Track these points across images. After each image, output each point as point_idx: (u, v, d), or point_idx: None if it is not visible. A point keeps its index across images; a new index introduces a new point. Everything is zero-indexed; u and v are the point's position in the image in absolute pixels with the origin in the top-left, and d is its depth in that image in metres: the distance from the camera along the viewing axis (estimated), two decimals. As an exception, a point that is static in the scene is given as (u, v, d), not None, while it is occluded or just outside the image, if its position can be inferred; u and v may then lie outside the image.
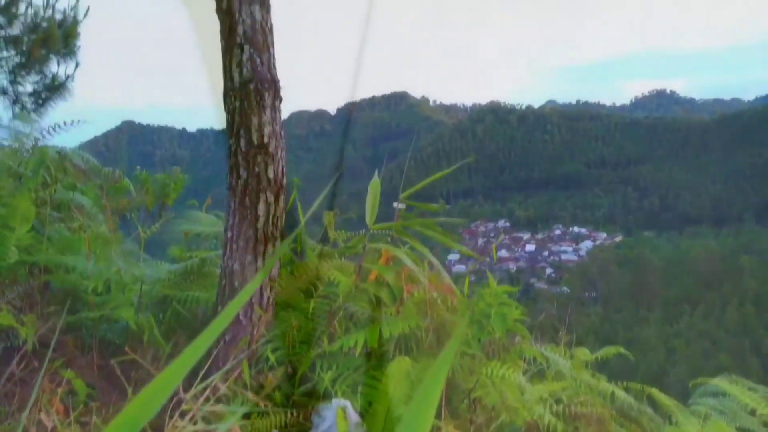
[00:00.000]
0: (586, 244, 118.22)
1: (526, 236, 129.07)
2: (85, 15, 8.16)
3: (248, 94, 2.42)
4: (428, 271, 3.10)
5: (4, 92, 7.37)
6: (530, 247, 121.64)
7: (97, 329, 2.88)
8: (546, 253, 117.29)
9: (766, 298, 57.58)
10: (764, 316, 54.85)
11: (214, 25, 2.65)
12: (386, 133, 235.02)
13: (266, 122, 2.46)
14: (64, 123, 2.96)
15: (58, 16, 7.70)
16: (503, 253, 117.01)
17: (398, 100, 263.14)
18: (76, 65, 7.69)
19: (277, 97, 2.49)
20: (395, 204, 3.17)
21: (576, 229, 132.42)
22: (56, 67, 7.73)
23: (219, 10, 2.46)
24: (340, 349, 2.22)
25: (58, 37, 7.48)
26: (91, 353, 2.93)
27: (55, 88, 7.70)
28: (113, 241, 2.98)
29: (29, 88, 7.58)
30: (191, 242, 3.30)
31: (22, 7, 7.37)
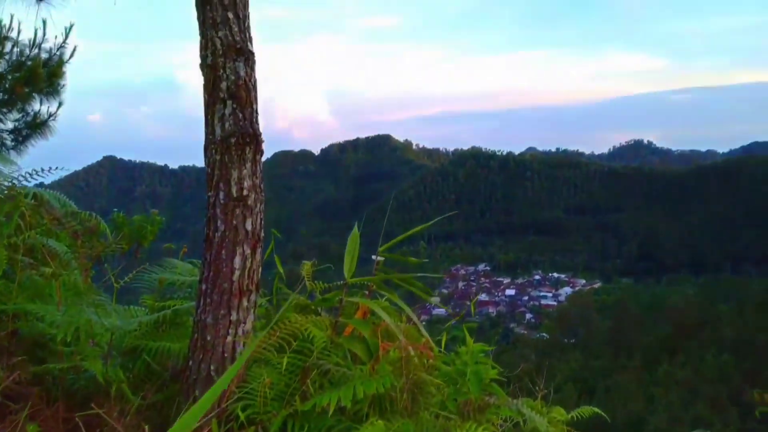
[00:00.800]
0: (566, 290, 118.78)
1: (506, 281, 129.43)
2: (72, 55, 8.22)
3: (229, 148, 2.43)
4: (406, 325, 3.08)
5: (-16, 129, 7.34)
6: (510, 292, 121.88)
7: (65, 381, 2.79)
8: (526, 298, 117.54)
9: (743, 346, 57.87)
10: (742, 364, 55.02)
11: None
12: (369, 174, 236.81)
13: (246, 175, 2.46)
14: (42, 169, 2.94)
15: (44, 56, 7.74)
16: (483, 297, 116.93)
17: (381, 143, 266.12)
18: (59, 104, 7.70)
19: (258, 150, 2.51)
20: (374, 257, 3.17)
21: (555, 274, 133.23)
22: (39, 106, 7.74)
23: (203, 65, 2.49)
24: (312, 408, 2.18)
25: (43, 76, 7.50)
26: (57, 405, 2.84)
27: (36, 126, 7.68)
28: (85, 290, 2.93)
29: (10, 125, 7.56)
30: (165, 290, 3.25)
31: (8, 46, 7.40)
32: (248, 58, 2.53)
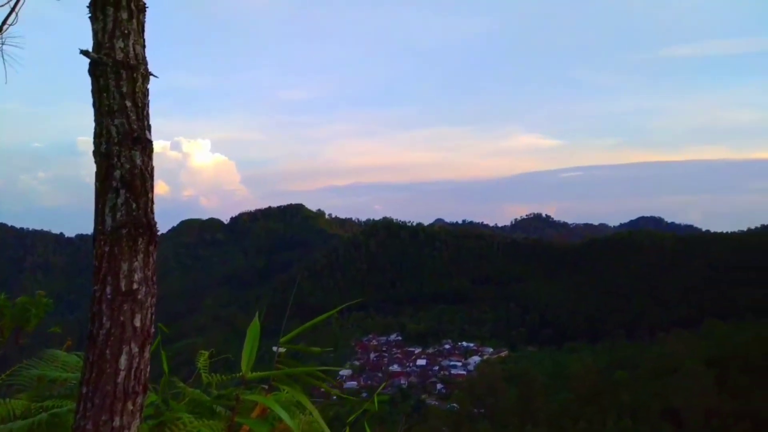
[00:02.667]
0: (474, 359, 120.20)
1: (417, 350, 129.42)
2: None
3: (120, 239, 2.31)
4: (309, 418, 2.97)
5: None
6: (421, 362, 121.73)
7: None
8: (436, 368, 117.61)
9: (640, 411, 60.36)
10: (640, 429, 57.18)
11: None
12: (280, 243, 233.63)
13: (137, 268, 2.33)
14: None
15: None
16: (396, 367, 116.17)
17: (294, 212, 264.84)
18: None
19: (152, 242, 2.39)
20: (275, 348, 3.07)
21: (464, 343, 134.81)
22: None
23: (96, 153, 2.38)
24: None
25: None
26: None
27: None
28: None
29: None
30: (44, 388, 2.97)
31: None
32: (145, 146, 2.45)
